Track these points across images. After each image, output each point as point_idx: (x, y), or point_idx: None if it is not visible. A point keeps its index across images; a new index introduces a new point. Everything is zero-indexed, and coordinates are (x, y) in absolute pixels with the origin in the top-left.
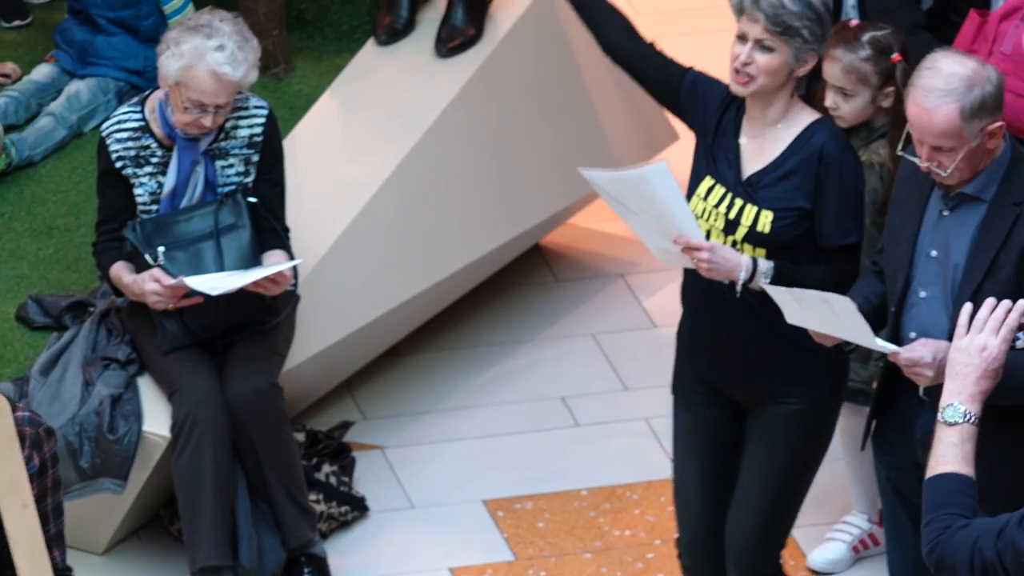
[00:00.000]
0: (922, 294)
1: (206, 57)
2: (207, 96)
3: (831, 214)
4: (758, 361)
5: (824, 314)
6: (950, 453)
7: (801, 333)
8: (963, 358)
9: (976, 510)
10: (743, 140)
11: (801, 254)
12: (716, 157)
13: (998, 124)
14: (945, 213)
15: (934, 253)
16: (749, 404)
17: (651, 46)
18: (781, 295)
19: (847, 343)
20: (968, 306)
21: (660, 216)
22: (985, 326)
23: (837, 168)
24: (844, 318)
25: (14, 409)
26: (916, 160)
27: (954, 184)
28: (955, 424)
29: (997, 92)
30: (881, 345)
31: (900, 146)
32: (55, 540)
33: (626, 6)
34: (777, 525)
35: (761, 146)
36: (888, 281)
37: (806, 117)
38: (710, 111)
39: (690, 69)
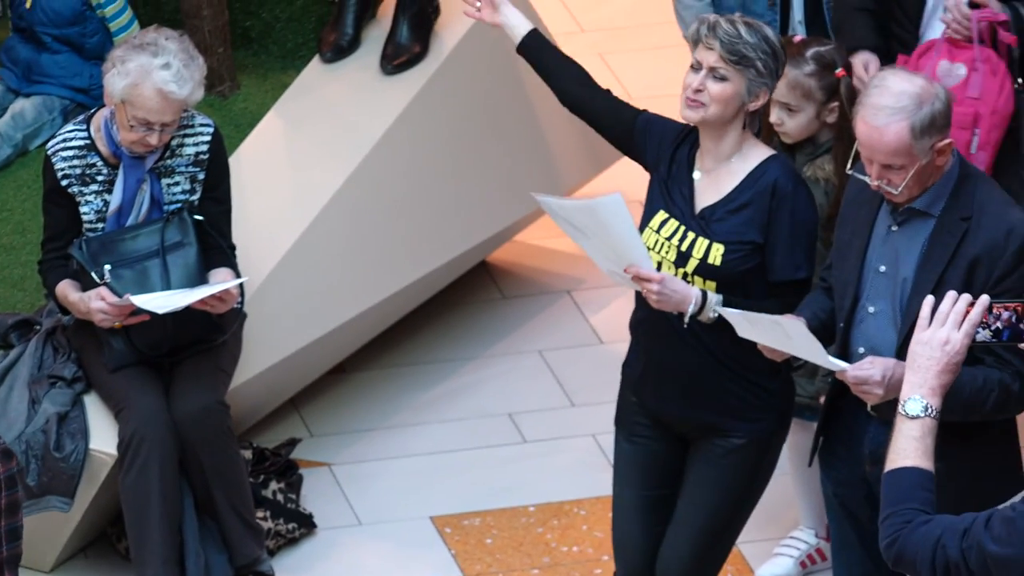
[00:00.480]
0: (871, 309)
1: (152, 75)
2: (153, 114)
3: (782, 249)
4: (706, 395)
5: (776, 334)
6: (911, 447)
7: (748, 367)
8: (925, 351)
9: (935, 505)
10: (696, 175)
11: (751, 288)
12: (670, 191)
13: (947, 141)
14: (894, 228)
15: (883, 268)
16: (694, 437)
17: (607, 92)
18: (733, 316)
19: (796, 359)
20: (930, 299)
21: (612, 244)
22: (947, 319)
23: (790, 203)
24: (796, 339)
25: None
26: (866, 178)
27: (903, 200)
28: (916, 418)
29: (946, 109)
30: (832, 363)
31: (849, 164)
32: (7, 563)
33: (572, 23)
34: (711, 556)
35: (716, 180)
36: (837, 297)
37: (760, 152)
38: (664, 147)
39: (643, 111)
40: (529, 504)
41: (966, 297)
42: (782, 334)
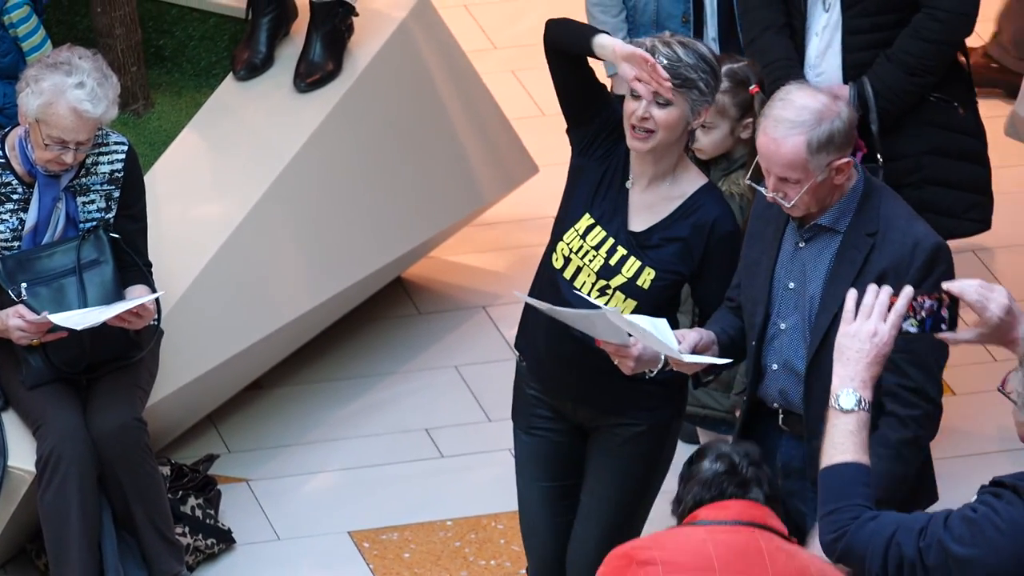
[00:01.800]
0: (782, 326)
1: (66, 94)
2: (68, 133)
3: (716, 284)
4: (604, 386)
5: (646, 336)
6: (848, 441)
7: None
8: (854, 344)
9: (874, 499)
10: (629, 185)
11: (663, 310)
12: (601, 196)
13: (845, 160)
14: (801, 245)
15: (792, 285)
16: (592, 427)
17: (598, 84)
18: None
19: (708, 373)
20: (853, 292)
21: (599, 333)
22: (873, 312)
23: (728, 244)
24: (656, 332)
25: None
26: (762, 189)
27: (801, 216)
28: (851, 411)
29: (847, 129)
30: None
31: (748, 175)
32: None
33: (484, 41)
34: (622, 533)
35: (650, 202)
36: (747, 315)
37: (694, 179)
38: (611, 135)
39: (614, 99)
40: (447, 519)
41: (887, 289)
42: (645, 331)
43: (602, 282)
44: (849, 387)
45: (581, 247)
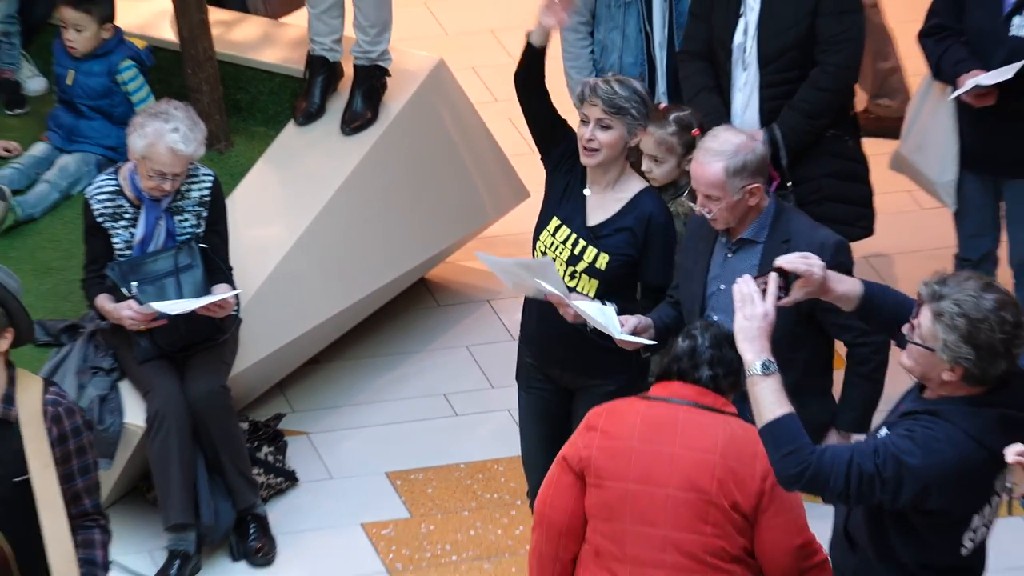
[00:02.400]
0: (715, 318)
1: (164, 137)
2: (166, 167)
3: (655, 263)
4: (582, 354)
5: (592, 314)
6: (777, 398)
7: (606, 338)
8: (753, 324)
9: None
10: (587, 192)
11: (624, 286)
12: (565, 201)
13: (756, 185)
14: (729, 255)
15: (723, 286)
16: (575, 387)
17: (560, 119)
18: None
19: (647, 349)
20: (748, 279)
21: (537, 285)
22: (756, 298)
23: (662, 232)
24: (595, 314)
25: (46, 390)
26: (693, 205)
27: (725, 230)
28: (769, 374)
29: (759, 161)
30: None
31: (687, 195)
32: (85, 491)
33: (487, 94)
34: None
35: (602, 203)
36: (686, 311)
37: (635, 183)
38: (569, 156)
39: (570, 128)
40: (460, 462)
41: (747, 277)
42: (592, 313)
43: (571, 268)
44: (760, 358)
45: (552, 243)
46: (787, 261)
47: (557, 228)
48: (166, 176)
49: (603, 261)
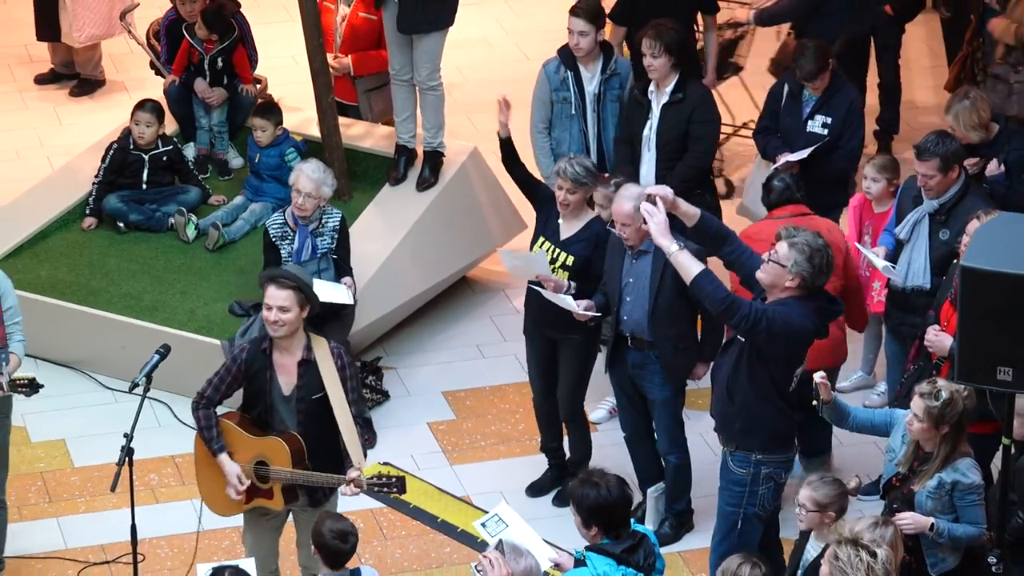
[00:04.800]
0: (628, 299)
1: (304, 170)
2: (302, 188)
3: (598, 263)
4: (558, 320)
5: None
6: (693, 261)
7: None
8: (660, 226)
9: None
10: (560, 221)
11: (582, 276)
12: (548, 226)
13: None
14: (634, 261)
15: (631, 280)
16: (556, 339)
17: (537, 180)
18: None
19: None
20: (643, 208)
21: (531, 268)
22: (656, 211)
23: (604, 243)
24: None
25: (329, 343)
26: (614, 230)
27: (632, 245)
28: (682, 249)
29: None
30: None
31: (611, 225)
32: (353, 403)
33: (500, 165)
34: (578, 392)
35: (569, 227)
36: (611, 296)
37: (589, 213)
38: (549, 202)
39: (546, 186)
40: (486, 385)
41: (646, 205)
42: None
43: (552, 266)
44: (674, 242)
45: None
46: (654, 190)
47: (542, 243)
48: (300, 193)
49: (570, 260)
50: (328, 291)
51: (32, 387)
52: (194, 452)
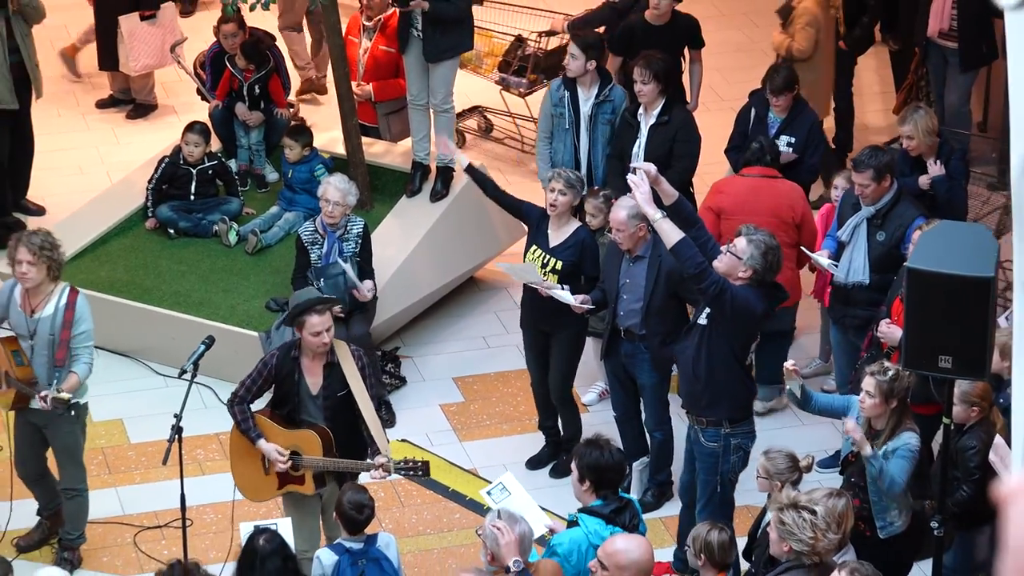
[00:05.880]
0: (625, 297)
1: (332, 181)
2: (330, 197)
3: (588, 265)
4: (553, 312)
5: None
6: (675, 229)
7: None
8: (646, 196)
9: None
10: (549, 231)
11: (570, 278)
12: (540, 236)
13: (643, 225)
14: (630, 264)
15: (627, 281)
16: (550, 331)
17: (519, 201)
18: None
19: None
20: (629, 179)
21: (527, 274)
22: (641, 182)
23: (591, 248)
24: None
25: (349, 346)
26: (610, 235)
27: (626, 250)
28: (665, 217)
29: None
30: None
31: (606, 231)
32: (373, 396)
33: (503, 183)
34: (567, 378)
35: (557, 235)
36: (608, 295)
37: (574, 223)
38: (538, 218)
39: (532, 207)
40: (491, 372)
41: (631, 176)
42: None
43: (544, 270)
44: (658, 211)
45: (532, 258)
46: (640, 165)
47: (535, 250)
48: (329, 202)
49: (559, 265)
50: (349, 270)
51: (68, 408)
52: (229, 448)
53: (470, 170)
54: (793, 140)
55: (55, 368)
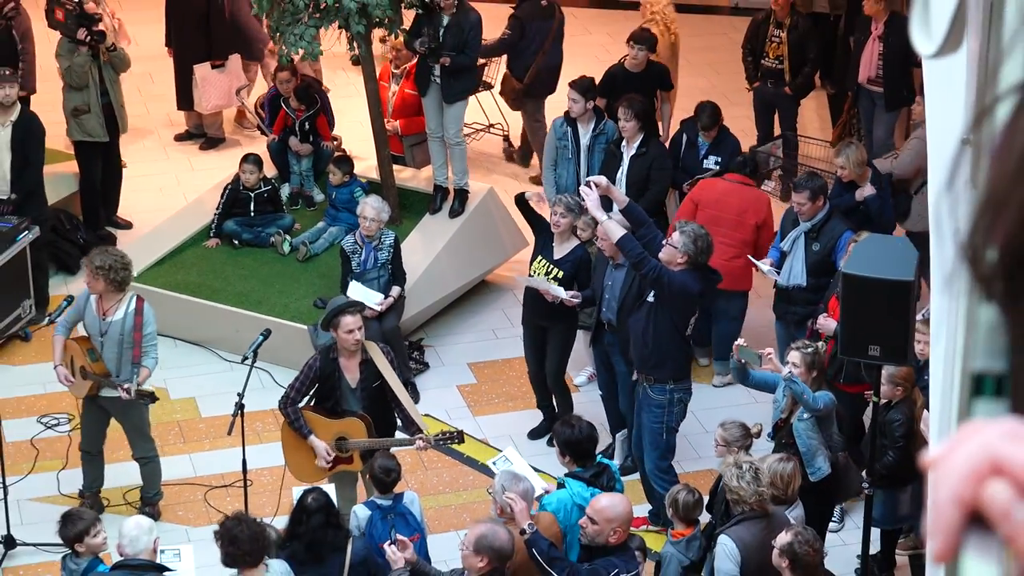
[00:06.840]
0: (607, 296)
1: (370, 200)
2: (366, 215)
3: (582, 276)
4: (549, 309)
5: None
6: (617, 228)
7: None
8: (596, 203)
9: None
10: (554, 245)
11: (568, 284)
12: (546, 249)
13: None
14: (613, 270)
15: (610, 283)
16: (547, 326)
17: (541, 218)
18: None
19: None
20: (582, 190)
21: (536, 283)
22: (592, 195)
23: (585, 262)
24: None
25: (380, 345)
26: (598, 245)
27: (612, 257)
28: (609, 218)
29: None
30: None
31: (594, 242)
32: (404, 383)
33: (509, 199)
34: (561, 366)
35: (559, 249)
36: (596, 293)
37: (574, 241)
38: (545, 230)
39: (547, 224)
40: (499, 359)
41: (585, 188)
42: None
43: (547, 277)
44: (604, 213)
45: (537, 267)
46: (592, 178)
47: (540, 260)
48: (366, 219)
49: (560, 274)
50: (361, 293)
51: (151, 398)
52: (281, 439)
53: (521, 198)
54: (720, 159)
55: (131, 364)
